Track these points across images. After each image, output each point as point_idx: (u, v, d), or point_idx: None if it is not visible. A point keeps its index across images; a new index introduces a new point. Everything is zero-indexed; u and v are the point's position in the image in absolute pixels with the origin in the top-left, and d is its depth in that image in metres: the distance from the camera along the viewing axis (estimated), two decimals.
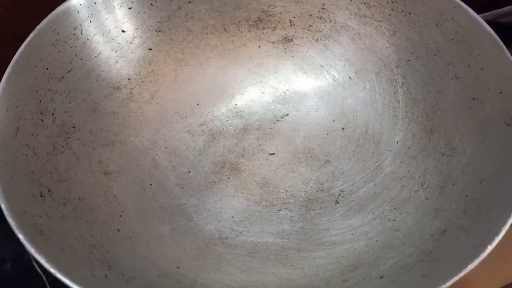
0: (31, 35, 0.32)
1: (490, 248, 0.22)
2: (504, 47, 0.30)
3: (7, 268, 0.43)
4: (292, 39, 0.41)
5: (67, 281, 0.22)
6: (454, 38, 0.33)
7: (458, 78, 0.33)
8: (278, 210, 0.35)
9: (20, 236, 0.23)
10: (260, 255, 0.32)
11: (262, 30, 0.41)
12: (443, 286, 0.21)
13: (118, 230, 0.31)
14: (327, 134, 0.39)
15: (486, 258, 0.33)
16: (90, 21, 0.35)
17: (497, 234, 0.22)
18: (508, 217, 0.23)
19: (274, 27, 0.41)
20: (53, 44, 0.33)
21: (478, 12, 0.50)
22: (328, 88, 0.40)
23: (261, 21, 0.40)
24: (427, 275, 0.24)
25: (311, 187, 0.36)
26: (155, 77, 0.39)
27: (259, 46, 0.41)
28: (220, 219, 0.35)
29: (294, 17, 0.40)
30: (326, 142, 0.39)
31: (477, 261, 0.22)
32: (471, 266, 0.22)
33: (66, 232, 0.27)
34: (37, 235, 0.24)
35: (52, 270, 0.22)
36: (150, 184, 0.35)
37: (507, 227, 0.23)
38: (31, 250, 0.23)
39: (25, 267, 0.42)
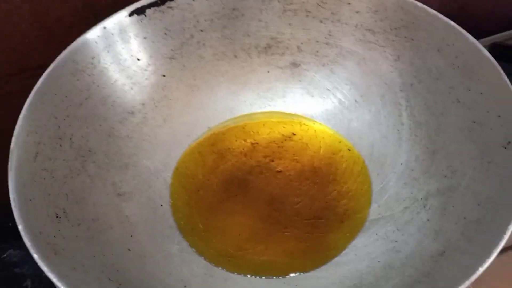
0: (52, 65, 0.34)
1: (481, 270, 0.23)
2: (502, 71, 0.31)
3: (27, 285, 0.44)
4: (299, 64, 0.42)
5: None
6: (455, 63, 0.34)
7: (459, 101, 0.34)
8: (285, 228, 0.36)
9: (35, 256, 0.25)
10: (265, 274, 0.33)
11: (271, 55, 0.42)
12: None
13: (129, 249, 0.32)
14: (334, 154, 0.40)
15: None
16: (108, 51, 0.37)
17: (488, 256, 0.23)
18: (501, 239, 0.24)
19: (282, 53, 0.42)
20: (72, 73, 0.35)
21: (488, 34, 0.51)
22: (335, 111, 0.41)
23: (270, 47, 0.42)
24: None
25: (317, 205, 0.37)
26: (168, 102, 0.41)
27: (268, 71, 0.43)
28: (227, 237, 0.36)
29: (302, 43, 0.41)
30: (333, 162, 0.40)
31: (468, 283, 0.22)
32: None
33: (79, 251, 0.29)
34: (51, 255, 0.26)
35: None
36: (161, 205, 0.37)
37: (498, 249, 0.23)
38: (44, 268, 0.24)
39: (44, 284, 0.43)
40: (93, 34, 0.36)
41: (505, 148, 0.29)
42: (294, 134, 0.42)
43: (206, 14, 0.40)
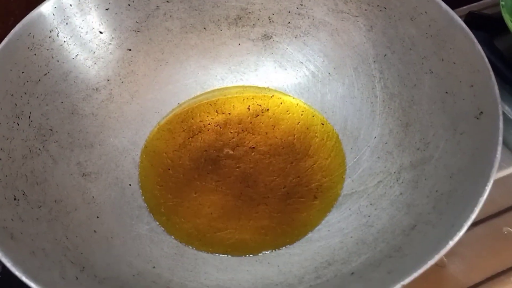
0: (5, 39, 0.32)
1: (451, 243, 0.22)
2: (475, 40, 0.30)
3: None
4: (271, 36, 0.41)
5: (32, 284, 0.22)
6: (428, 32, 0.33)
7: (432, 72, 0.33)
8: (257, 205, 0.35)
9: None
10: (237, 253, 0.32)
11: (242, 27, 0.41)
12: (402, 282, 0.22)
13: (94, 231, 0.31)
14: (307, 128, 0.39)
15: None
16: (66, 23, 0.35)
17: (459, 230, 0.22)
18: (471, 212, 0.23)
19: (253, 25, 0.41)
20: (28, 48, 0.33)
21: (465, 3, 0.50)
22: (308, 85, 0.40)
23: (240, 18, 0.40)
24: (392, 271, 0.25)
25: (290, 181, 0.36)
26: (135, 77, 0.39)
27: (239, 44, 0.41)
28: (198, 216, 0.35)
29: (273, 14, 0.40)
30: (306, 137, 0.39)
31: (437, 257, 0.22)
32: (431, 262, 0.22)
33: (39, 235, 0.27)
34: (7, 239, 0.25)
35: (17, 273, 0.23)
36: (130, 185, 0.36)
37: (469, 222, 0.23)
38: None
39: None
40: (50, 5, 0.34)
41: (477, 118, 0.28)
42: (267, 109, 0.41)
43: None
